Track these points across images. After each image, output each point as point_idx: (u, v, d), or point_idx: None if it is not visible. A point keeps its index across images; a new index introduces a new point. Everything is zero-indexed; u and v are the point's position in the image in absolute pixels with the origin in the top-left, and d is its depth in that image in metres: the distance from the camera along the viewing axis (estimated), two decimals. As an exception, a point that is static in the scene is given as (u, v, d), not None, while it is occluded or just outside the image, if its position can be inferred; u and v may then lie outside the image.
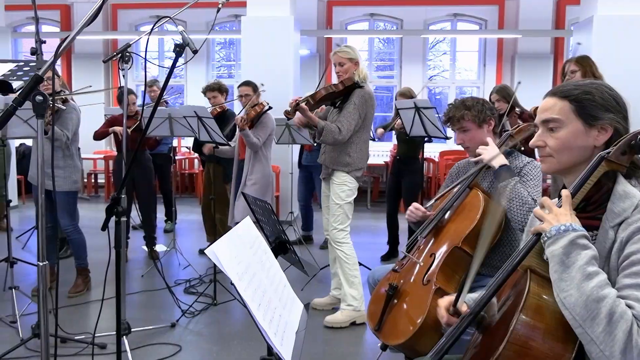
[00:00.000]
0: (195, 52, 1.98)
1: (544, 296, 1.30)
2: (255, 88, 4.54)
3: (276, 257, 2.31)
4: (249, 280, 1.39)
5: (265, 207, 2.34)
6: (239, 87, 4.63)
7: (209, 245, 1.31)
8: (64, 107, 3.84)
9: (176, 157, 8.18)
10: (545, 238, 1.31)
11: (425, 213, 2.55)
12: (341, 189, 3.62)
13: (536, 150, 1.54)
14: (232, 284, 1.25)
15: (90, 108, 5.85)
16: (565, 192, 1.35)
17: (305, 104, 3.46)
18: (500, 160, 2.39)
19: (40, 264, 1.60)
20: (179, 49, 2.03)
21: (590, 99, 1.42)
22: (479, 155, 2.45)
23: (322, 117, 3.71)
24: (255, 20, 6.79)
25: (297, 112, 3.49)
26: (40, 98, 1.55)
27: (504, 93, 4.63)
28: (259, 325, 1.28)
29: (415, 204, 2.60)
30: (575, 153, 1.43)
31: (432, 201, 2.62)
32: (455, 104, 2.57)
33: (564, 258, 1.26)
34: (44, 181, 1.66)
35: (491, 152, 2.41)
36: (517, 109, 4.57)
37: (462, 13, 9.56)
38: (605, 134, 1.42)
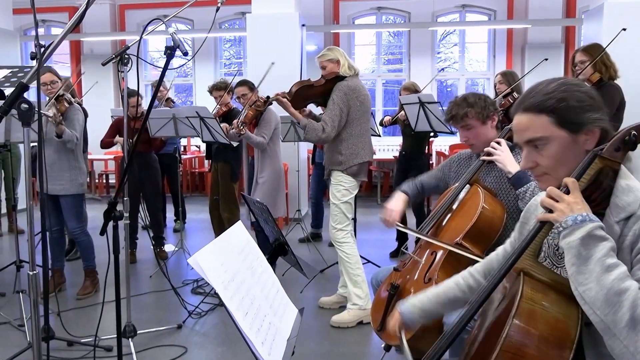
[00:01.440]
0: (185, 54, 1.96)
1: (538, 300, 1.25)
2: (252, 87, 4.50)
3: (276, 258, 2.31)
4: (236, 288, 1.36)
5: (263, 208, 2.33)
6: (234, 88, 4.60)
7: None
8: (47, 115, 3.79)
9: (183, 157, 8.20)
10: (561, 228, 1.24)
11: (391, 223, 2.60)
12: (337, 188, 3.58)
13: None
14: (215, 293, 1.22)
15: (98, 108, 5.89)
16: (569, 180, 1.28)
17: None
18: (515, 166, 2.31)
19: (30, 273, 1.58)
20: (170, 51, 2.00)
21: (567, 106, 1.33)
22: (490, 154, 2.38)
23: None
24: (260, 18, 6.77)
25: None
26: (26, 106, 1.53)
27: (508, 77, 4.57)
28: (245, 336, 1.25)
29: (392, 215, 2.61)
30: (570, 164, 1.36)
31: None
32: (456, 102, 2.49)
33: (581, 250, 1.20)
34: (30, 185, 1.65)
35: (506, 157, 2.34)
36: (515, 94, 4.48)
37: (470, 4, 9.44)
38: (593, 136, 1.35)
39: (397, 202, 2.69)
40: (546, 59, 5.82)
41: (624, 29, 4.12)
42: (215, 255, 1.36)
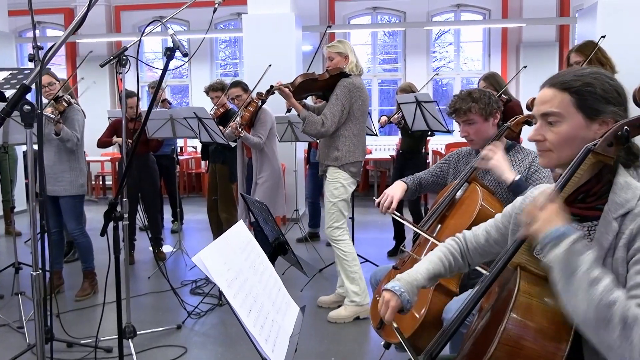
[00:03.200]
0: (185, 55, 1.97)
1: (535, 294, 1.27)
2: (245, 87, 4.51)
3: (276, 258, 2.32)
4: (240, 286, 1.38)
5: (262, 208, 2.34)
6: (228, 89, 4.61)
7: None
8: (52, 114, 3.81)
9: (180, 158, 8.21)
10: (539, 248, 1.26)
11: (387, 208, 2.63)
12: (334, 186, 3.58)
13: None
14: (219, 291, 1.24)
15: (95, 110, 5.87)
16: (546, 193, 1.30)
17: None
18: (511, 172, 2.30)
19: (34, 273, 1.59)
20: (170, 52, 2.02)
21: (591, 92, 1.35)
22: (487, 158, 2.37)
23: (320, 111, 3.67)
24: (256, 18, 6.78)
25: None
26: (28, 108, 1.54)
27: (492, 80, 4.53)
28: (249, 333, 1.27)
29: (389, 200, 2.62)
30: (575, 148, 1.36)
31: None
32: (461, 96, 2.50)
33: (564, 266, 1.20)
34: (34, 187, 1.66)
35: (502, 164, 2.32)
36: (504, 96, 4.48)
37: (465, 3, 9.48)
38: (606, 128, 1.35)
39: (396, 189, 2.69)
40: (525, 67, 5.95)
41: (603, 37, 4.09)
42: (218, 254, 1.38)
